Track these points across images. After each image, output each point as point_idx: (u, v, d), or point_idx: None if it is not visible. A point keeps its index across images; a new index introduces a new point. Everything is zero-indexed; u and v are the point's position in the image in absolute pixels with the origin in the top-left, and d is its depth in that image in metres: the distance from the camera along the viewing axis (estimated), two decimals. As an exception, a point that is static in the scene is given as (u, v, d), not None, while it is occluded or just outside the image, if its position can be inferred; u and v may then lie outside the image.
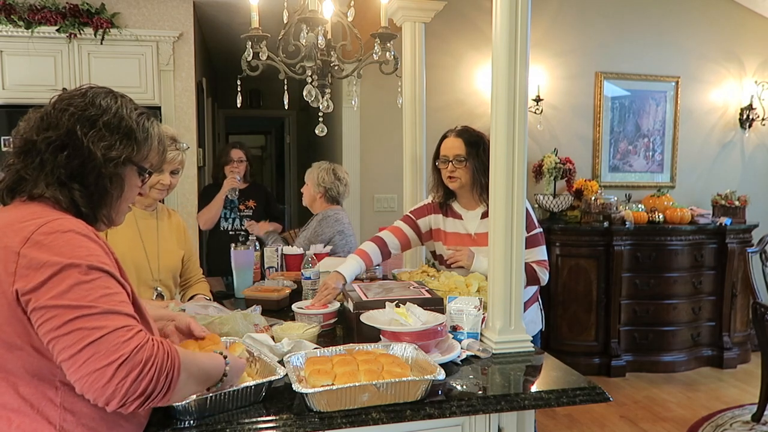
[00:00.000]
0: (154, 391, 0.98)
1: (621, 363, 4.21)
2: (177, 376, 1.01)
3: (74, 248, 1.00)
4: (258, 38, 2.06)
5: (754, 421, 3.40)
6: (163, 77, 4.01)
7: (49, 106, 1.14)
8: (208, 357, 1.18)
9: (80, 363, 0.94)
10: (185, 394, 1.12)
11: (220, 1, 4.22)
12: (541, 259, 2.18)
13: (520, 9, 1.67)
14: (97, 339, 0.94)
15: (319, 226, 3.05)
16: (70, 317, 0.95)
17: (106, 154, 1.11)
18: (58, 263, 0.97)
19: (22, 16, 3.71)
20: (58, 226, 1.02)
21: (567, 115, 4.65)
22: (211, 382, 1.17)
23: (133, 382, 0.95)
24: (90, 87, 1.18)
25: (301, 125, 7.40)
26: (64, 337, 0.95)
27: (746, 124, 4.93)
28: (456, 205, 2.32)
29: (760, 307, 3.37)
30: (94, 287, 0.99)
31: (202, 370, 1.13)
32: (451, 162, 2.20)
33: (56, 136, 1.09)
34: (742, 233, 4.43)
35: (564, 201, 4.41)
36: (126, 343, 0.96)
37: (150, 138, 1.20)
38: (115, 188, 1.15)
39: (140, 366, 0.95)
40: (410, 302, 1.70)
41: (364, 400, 1.26)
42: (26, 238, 0.99)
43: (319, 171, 3.15)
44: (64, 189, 1.09)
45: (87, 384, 0.94)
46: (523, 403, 1.39)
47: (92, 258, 1.01)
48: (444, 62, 4.33)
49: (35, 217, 1.03)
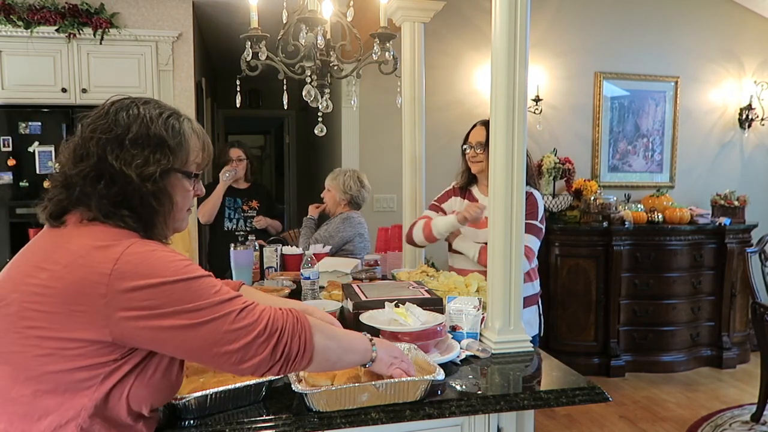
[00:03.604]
0: (291, 352, 1.07)
1: (620, 363, 4.21)
2: (310, 337, 1.09)
3: (169, 263, 1.01)
4: (257, 38, 2.06)
5: (753, 421, 3.41)
6: (163, 77, 4.01)
7: (77, 135, 1.10)
8: (349, 331, 1.29)
9: (222, 348, 1.01)
10: (334, 359, 1.17)
11: (220, 1, 4.22)
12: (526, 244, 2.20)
13: (519, 9, 1.67)
14: (231, 323, 1.02)
15: (342, 225, 3.07)
16: (199, 320, 1.00)
17: (142, 173, 1.06)
18: (163, 281, 0.99)
19: (21, 16, 3.71)
20: (139, 247, 1.02)
21: (566, 115, 4.66)
22: (358, 355, 1.23)
23: (272, 352, 1.05)
24: (112, 102, 1.12)
25: (301, 125, 7.40)
26: (202, 333, 1.00)
27: (745, 124, 4.93)
28: (475, 190, 2.49)
29: (759, 307, 3.38)
30: (203, 288, 1.03)
31: (342, 337, 1.20)
32: (473, 147, 2.40)
33: (89, 167, 1.05)
34: (742, 233, 4.43)
35: (563, 201, 4.42)
36: (258, 320, 1.05)
37: (185, 139, 1.13)
38: (163, 203, 1.10)
39: (277, 334, 1.05)
40: (409, 302, 1.70)
41: (363, 400, 1.26)
42: (111, 268, 0.98)
43: (345, 178, 3.16)
44: (116, 217, 1.05)
45: (230, 364, 1.03)
46: (523, 403, 1.39)
47: (188, 269, 1.03)
48: (443, 62, 4.33)
49: (110, 242, 1.01)
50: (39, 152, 3.83)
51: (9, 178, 3.80)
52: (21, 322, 0.99)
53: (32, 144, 3.82)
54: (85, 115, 1.13)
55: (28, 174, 3.83)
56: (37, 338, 0.98)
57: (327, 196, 3.23)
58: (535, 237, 2.28)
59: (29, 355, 0.98)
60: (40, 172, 3.83)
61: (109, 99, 1.14)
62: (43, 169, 3.83)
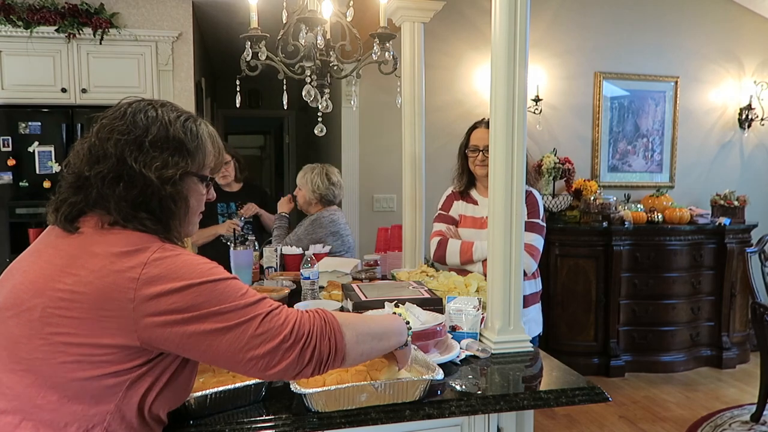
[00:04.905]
0: (322, 355, 1.06)
1: (620, 363, 4.21)
2: (341, 337, 1.08)
3: (194, 267, 1.01)
4: (257, 38, 2.05)
5: (753, 421, 3.41)
6: (162, 77, 4.01)
7: (93, 136, 1.08)
8: (380, 315, 1.29)
9: (248, 353, 1.00)
10: (368, 351, 1.17)
11: (219, 1, 4.22)
12: (528, 242, 2.17)
13: (519, 9, 1.66)
14: (256, 328, 1.01)
15: (311, 227, 3.02)
16: (225, 324, 0.99)
17: (162, 175, 1.06)
18: (189, 283, 0.98)
19: (21, 16, 3.71)
20: (165, 252, 1.01)
21: (566, 115, 4.66)
22: (394, 338, 1.23)
23: (299, 355, 1.03)
24: (129, 104, 1.11)
25: (300, 125, 7.40)
26: (227, 337, 0.99)
27: (745, 124, 4.93)
28: (474, 192, 2.49)
29: (759, 307, 3.38)
30: (229, 290, 1.02)
31: (374, 325, 1.20)
32: (482, 151, 2.36)
33: (108, 169, 1.04)
34: (741, 233, 4.43)
35: (563, 201, 4.42)
36: (284, 324, 1.03)
37: (202, 143, 1.14)
38: (180, 206, 1.10)
39: (303, 339, 1.04)
40: (409, 302, 1.70)
41: (362, 400, 1.26)
42: (140, 273, 0.98)
43: (312, 176, 3.10)
44: (135, 221, 1.05)
45: (257, 369, 1.02)
46: (522, 403, 1.39)
47: (214, 271, 1.03)
48: (443, 62, 4.33)
49: (136, 247, 1.01)
50: (39, 152, 3.83)
51: (9, 178, 3.80)
52: (46, 328, 0.98)
53: (32, 144, 3.82)
54: (94, 115, 1.12)
55: (28, 174, 3.83)
56: (63, 344, 0.97)
57: (299, 194, 3.17)
58: (539, 236, 2.28)
59: (55, 362, 0.97)
60: (40, 172, 3.83)
61: (123, 100, 1.13)
62: (42, 169, 3.83)
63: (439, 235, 2.46)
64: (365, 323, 1.19)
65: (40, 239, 1.12)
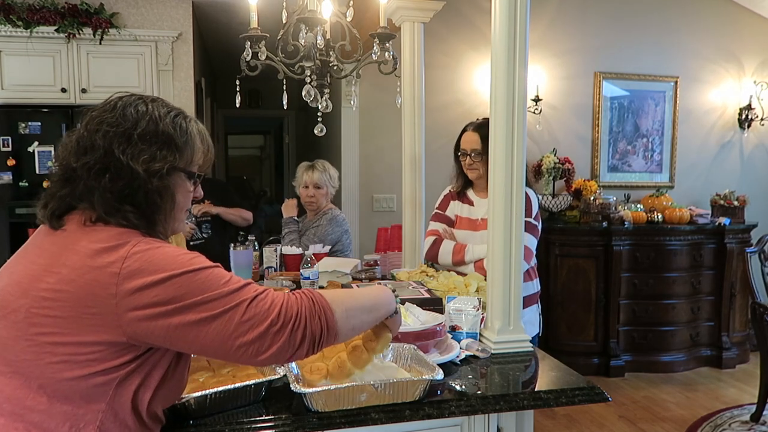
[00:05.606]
0: (314, 334, 1.05)
1: (620, 363, 4.21)
2: (331, 314, 1.08)
3: (175, 258, 1.00)
4: (257, 38, 2.05)
5: (752, 421, 3.41)
6: (162, 77, 4.01)
7: (82, 128, 1.08)
8: (367, 288, 1.29)
9: (237, 341, 0.99)
10: (359, 324, 1.18)
11: (219, 1, 4.22)
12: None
13: (519, 9, 1.67)
14: (242, 314, 0.99)
15: (330, 226, 3.05)
16: (210, 313, 0.98)
17: (149, 169, 1.05)
18: (170, 275, 0.98)
19: (21, 15, 3.72)
20: (145, 245, 1.01)
21: (566, 115, 4.65)
22: (383, 308, 1.25)
23: (289, 337, 1.02)
24: (119, 98, 1.11)
25: (300, 125, 7.40)
26: (214, 326, 0.98)
27: (745, 124, 4.93)
28: (470, 193, 2.50)
29: (758, 307, 3.38)
30: (211, 279, 1.01)
31: (362, 298, 1.20)
32: (469, 155, 2.38)
33: (95, 160, 1.04)
34: (741, 233, 4.43)
35: (563, 201, 4.42)
36: (271, 308, 1.02)
37: (191, 139, 1.13)
38: (166, 201, 1.10)
39: (292, 321, 1.02)
40: (409, 302, 1.70)
41: (362, 400, 1.26)
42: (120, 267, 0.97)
43: (332, 173, 3.13)
44: (119, 214, 1.04)
45: (248, 356, 1.01)
46: (522, 403, 1.39)
47: (195, 261, 1.02)
48: (443, 62, 4.33)
49: (116, 242, 1.01)
50: (38, 152, 3.84)
51: (9, 178, 3.81)
52: (31, 329, 0.97)
53: (32, 144, 3.83)
54: (88, 109, 1.11)
55: (28, 174, 3.83)
56: (49, 344, 0.97)
57: (318, 194, 3.11)
58: (531, 235, 2.27)
59: (42, 363, 0.97)
60: (40, 172, 3.83)
61: (115, 94, 1.13)
62: (42, 169, 3.84)
63: (434, 234, 2.47)
64: (353, 297, 1.19)
65: (29, 239, 1.12)
